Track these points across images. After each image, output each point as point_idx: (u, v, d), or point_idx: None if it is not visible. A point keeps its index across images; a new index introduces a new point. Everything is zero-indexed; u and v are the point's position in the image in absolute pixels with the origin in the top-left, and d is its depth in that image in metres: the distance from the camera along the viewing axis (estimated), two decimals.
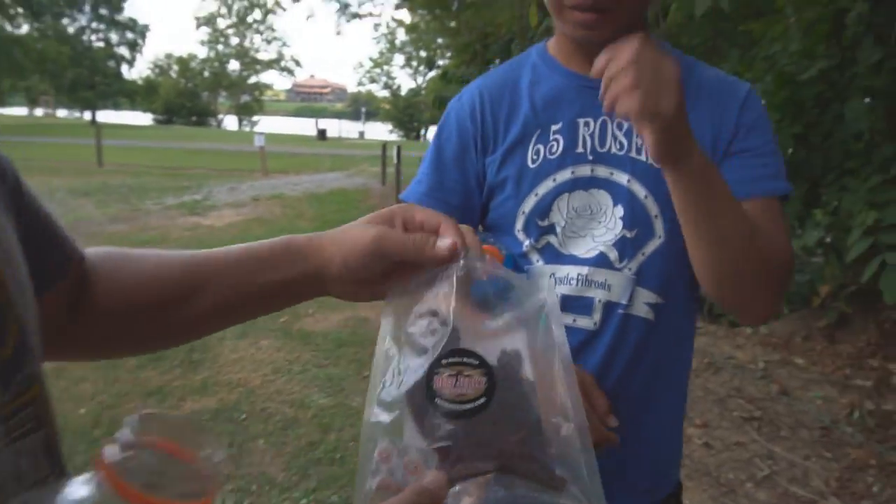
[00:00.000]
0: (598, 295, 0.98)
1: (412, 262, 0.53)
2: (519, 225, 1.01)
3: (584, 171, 0.98)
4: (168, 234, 7.68)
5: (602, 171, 0.98)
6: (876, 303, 3.44)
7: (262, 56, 56.49)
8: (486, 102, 1.05)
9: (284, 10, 45.10)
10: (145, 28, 47.80)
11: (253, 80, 58.12)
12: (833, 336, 3.65)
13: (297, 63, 59.07)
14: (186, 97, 54.81)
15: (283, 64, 57.31)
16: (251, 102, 58.63)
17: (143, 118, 55.01)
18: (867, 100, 2.84)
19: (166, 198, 10.40)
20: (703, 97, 0.98)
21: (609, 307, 0.99)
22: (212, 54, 55.36)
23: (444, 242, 0.53)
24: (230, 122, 58.88)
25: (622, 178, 0.97)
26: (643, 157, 0.97)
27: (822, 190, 2.70)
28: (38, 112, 54.27)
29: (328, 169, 16.71)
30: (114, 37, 46.49)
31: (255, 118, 60.24)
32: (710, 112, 0.98)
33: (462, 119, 1.07)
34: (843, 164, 2.68)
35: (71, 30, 44.63)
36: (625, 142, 0.98)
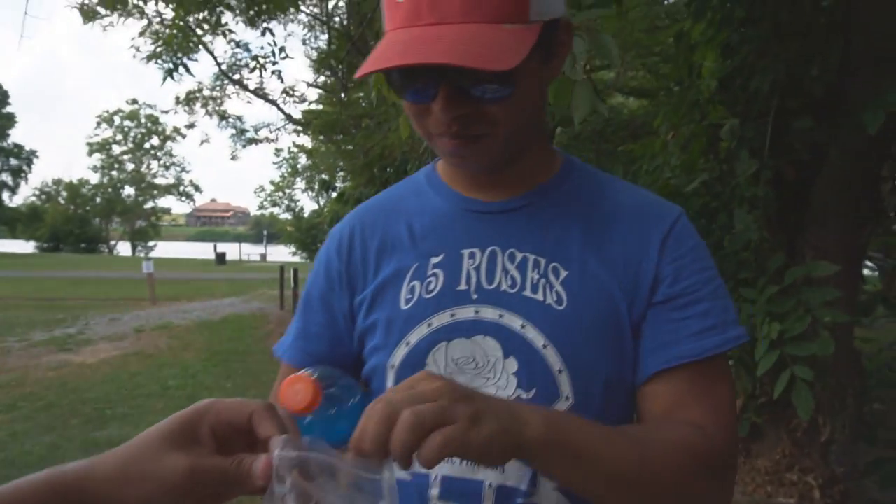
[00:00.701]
0: (489, 478, 0.77)
1: (233, 491, 0.50)
2: (389, 382, 0.83)
3: (467, 313, 0.81)
4: (27, 376, 6.78)
5: (489, 314, 0.81)
6: (786, 410, 3.36)
7: (159, 181, 55.44)
8: (357, 233, 0.92)
9: (184, 136, 44.87)
10: (32, 154, 46.13)
11: (150, 205, 56.64)
12: (749, 450, 3.52)
13: (197, 188, 58.12)
14: (75, 223, 52.37)
15: (182, 188, 56.36)
16: (147, 227, 56.76)
17: (25, 246, 51.68)
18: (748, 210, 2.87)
19: (34, 333, 9.39)
20: (618, 227, 0.81)
21: (504, 494, 0.76)
22: (105, 180, 53.78)
23: (258, 466, 0.49)
24: (124, 249, 56.41)
25: (514, 322, 0.80)
26: (539, 296, 0.80)
27: None
28: None
29: (224, 294, 16.01)
30: None
31: (150, 244, 58.11)
32: (625, 247, 0.80)
33: (330, 253, 0.94)
34: (738, 275, 2.63)
35: None
36: (517, 277, 0.82)
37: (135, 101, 49.57)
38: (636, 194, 0.87)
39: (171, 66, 8.55)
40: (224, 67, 15.85)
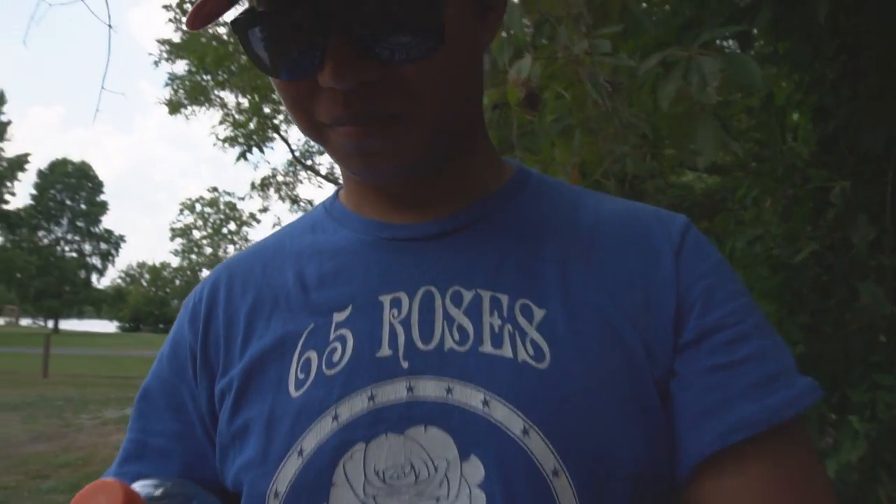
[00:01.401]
0: None
1: None
2: None
3: (396, 392, 0.52)
4: (95, 454, 6.78)
5: (430, 389, 0.51)
6: None
7: None
8: (222, 291, 0.63)
9: (258, 221, 46.92)
10: (120, 239, 49.15)
11: None
12: None
13: None
14: (155, 304, 54.95)
15: None
16: None
17: (108, 326, 54.35)
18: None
19: (107, 410, 9.56)
20: (607, 242, 0.57)
21: None
22: (185, 263, 56.49)
23: None
24: None
25: (472, 397, 0.51)
26: (506, 351, 0.52)
27: (850, 391, 2.25)
28: (1, 321, 53.35)
29: None
30: (87, 247, 47.45)
31: None
32: (623, 266, 0.55)
33: (181, 325, 0.64)
34: (868, 358, 2.26)
35: (45, 241, 45.52)
36: (469, 327, 0.53)
37: (215, 189, 52.52)
38: (621, 203, 0.62)
39: (245, 148, 8.94)
40: (297, 153, 16.55)
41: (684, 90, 1.17)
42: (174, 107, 12.32)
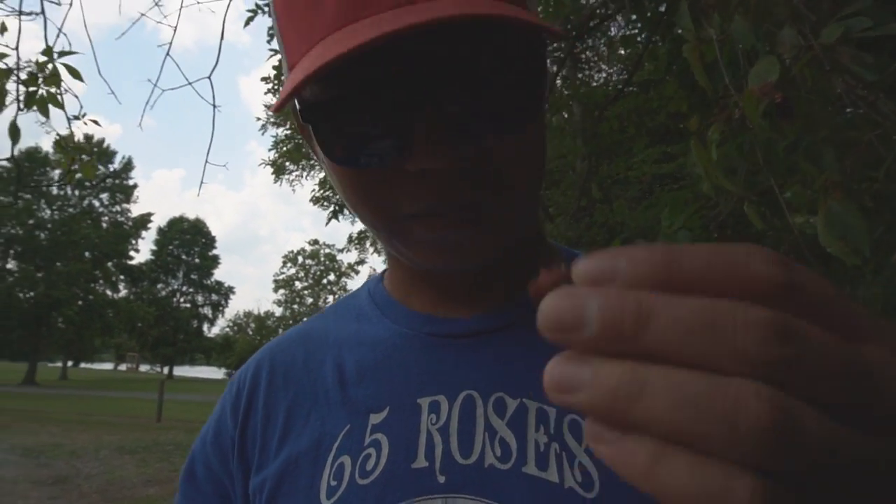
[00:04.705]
0: None
1: None
2: None
3: None
4: None
5: None
6: None
7: None
8: (264, 379, 0.61)
9: (357, 272, 48.48)
10: (230, 290, 52.07)
11: None
12: None
13: None
14: None
15: None
16: None
17: (217, 373, 57.10)
18: None
19: None
20: None
21: None
22: (287, 313, 58.88)
23: None
24: None
25: None
26: (552, 475, 0.47)
27: None
28: (122, 367, 57.41)
29: None
30: (200, 298, 50.55)
31: None
32: None
33: (224, 408, 0.63)
34: None
35: (163, 293, 48.98)
36: (512, 442, 0.49)
37: (315, 242, 54.82)
38: None
39: (336, 207, 9.38)
40: None
41: None
42: (278, 170, 13.20)
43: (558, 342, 0.23)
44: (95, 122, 3.44)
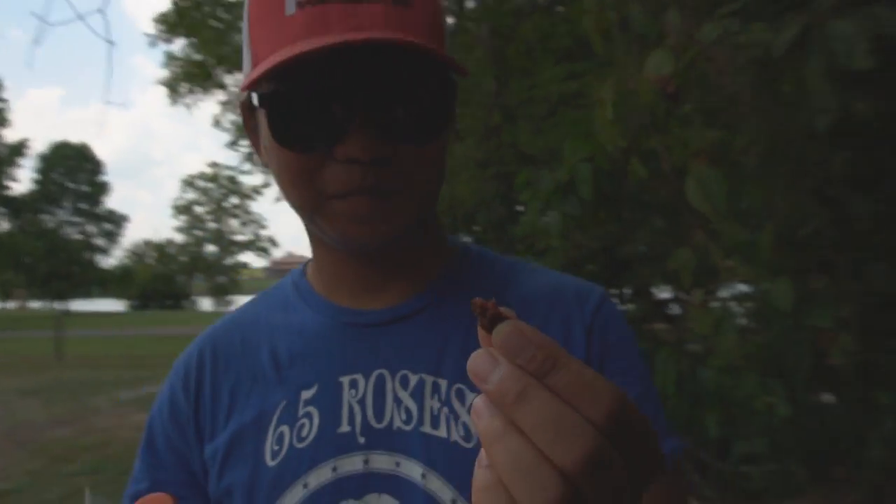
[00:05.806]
0: None
1: None
2: None
3: (354, 464, 0.64)
4: (114, 436, 7.01)
5: (383, 462, 0.64)
6: None
7: (238, 238, 57.88)
8: (208, 362, 0.72)
9: (261, 194, 46.96)
10: (123, 218, 49.20)
11: (230, 261, 59.04)
12: None
13: (274, 243, 60.42)
14: (161, 282, 55.10)
15: (259, 244, 58.57)
16: (227, 283, 59.05)
17: (117, 305, 54.72)
18: None
19: (121, 392, 9.77)
20: (534, 319, 0.66)
21: None
22: (189, 239, 56.62)
23: None
24: (206, 304, 58.83)
25: (414, 470, 0.63)
26: (442, 431, 0.63)
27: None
28: (10, 305, 53.80)
29: None
30: (92, 228, 47.53)
31: (230, 297, 60.40)
32: None
33: (174, 389, 0.73)
34: None
35: (50, 224, 45.63)
36: (413, 408, 0.65)
37: (215, 164, 52.33)
38: (548, 276, 0.73)
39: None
40: None
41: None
42: (174, 92, 12.30)
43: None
44: None
